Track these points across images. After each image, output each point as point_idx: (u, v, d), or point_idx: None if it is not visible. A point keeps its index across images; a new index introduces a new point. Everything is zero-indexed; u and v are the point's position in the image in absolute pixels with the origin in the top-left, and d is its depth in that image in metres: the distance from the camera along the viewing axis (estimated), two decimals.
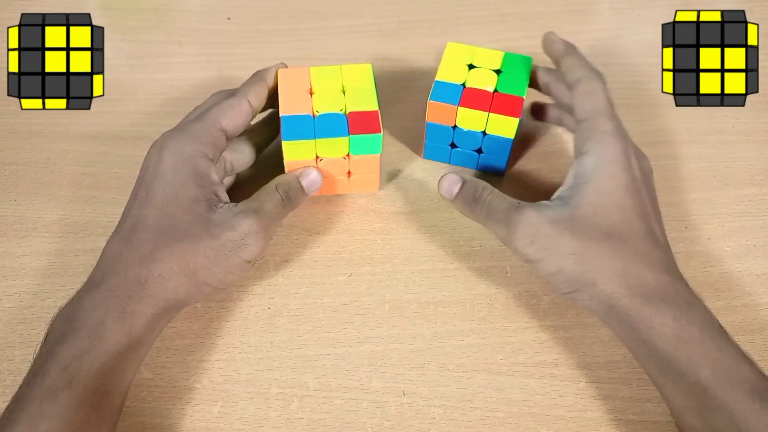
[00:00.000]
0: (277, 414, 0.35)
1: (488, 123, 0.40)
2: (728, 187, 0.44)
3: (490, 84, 0.40)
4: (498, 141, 0.41)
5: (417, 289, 0.39)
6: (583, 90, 0.36)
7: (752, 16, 0.49)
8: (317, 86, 0.39)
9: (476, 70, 0.41)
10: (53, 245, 0.41)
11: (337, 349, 0.37)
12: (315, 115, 0.38)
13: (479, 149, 0.42)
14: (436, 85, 0.40)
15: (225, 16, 0.55)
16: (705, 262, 0.40)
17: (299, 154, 0.38)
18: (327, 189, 0.41)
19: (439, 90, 0.40)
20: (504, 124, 0.39)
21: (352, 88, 0.39)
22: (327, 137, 0.37)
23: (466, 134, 0.41)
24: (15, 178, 0.44)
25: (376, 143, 0.38)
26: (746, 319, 0.38)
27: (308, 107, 0.38)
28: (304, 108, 0.38)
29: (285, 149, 0.37)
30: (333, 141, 0.37)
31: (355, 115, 0.38)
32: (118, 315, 0.31)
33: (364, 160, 0.39)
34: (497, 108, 0.39)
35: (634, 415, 0.35)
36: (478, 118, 0.40)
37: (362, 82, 0.39)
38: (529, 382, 0.36)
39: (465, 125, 0.40)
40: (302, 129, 0.37)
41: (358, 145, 0.38)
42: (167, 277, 0.32)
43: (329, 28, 0.55)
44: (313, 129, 0.37)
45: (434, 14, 0.56)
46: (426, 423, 0.34)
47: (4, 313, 0.38)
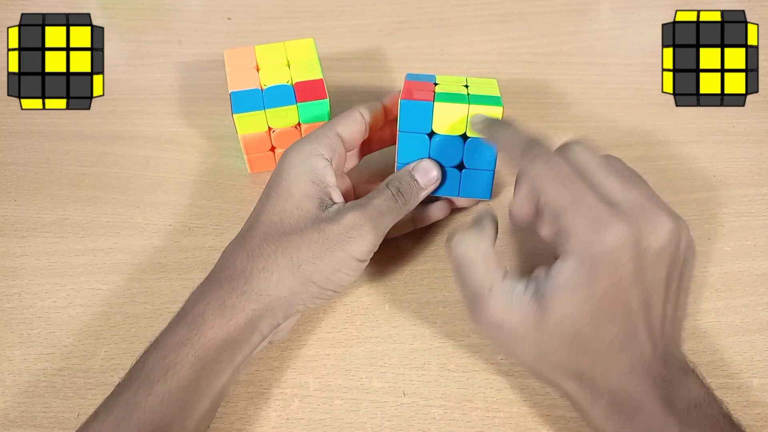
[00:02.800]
0: (277, 414, 0.35)
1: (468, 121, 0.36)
2: (728, 187, 0.44)
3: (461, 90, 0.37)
4: (481, 145, 0.36)
5: (417, 289, 0.39)
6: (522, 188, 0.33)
7: (752, 16, 0.49)
8: (263, 62, 0.41)
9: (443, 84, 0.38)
10: (53, 245, 0.41)
11: (337, 349, 0.37)
12: (263, 88, 0.40)
13: (461, 164, 0.37)
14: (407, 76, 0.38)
15: (225, 16, 0.55)
16: (705, 262, 0.40)
17: (251, 126, 0.40)
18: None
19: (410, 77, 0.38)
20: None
21: (297, 61, 0.41)
22: (276, 107, 0.39)
23: (443, 145, 0.36)
24: (15, 178, 0.44)
25: (324, 110, 0.40)
26: (746, 319, 0.38)
27: (256, 82, 0.40)
28: (252, 83, 0.40)
29: (237, 122, 0.39)
30: (282, 110, 0.39)
31: (301, 84, 0.40)
32: (218, 307, 0.31)
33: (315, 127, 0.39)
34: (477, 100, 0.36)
35: None
36: (456, 116, 0.35)
37: (306, 55, 0.41)
38: (529, 382, 0.36)
39: (442, 129, 0.36)
40: (251, 102, 0.39)
41: (307, 113, 0.40)
42: (271, 270, 0.32)
43: (329, 28, 0.55)
44: (262, 101, 0.39)
45: (434, 14, 0.56)
46: (426, 423, 0.34)
47: (4, 313, 0.38)
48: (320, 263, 0.32)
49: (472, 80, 0.39)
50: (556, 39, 0.54)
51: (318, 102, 0.39)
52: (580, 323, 0.29)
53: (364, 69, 0.51)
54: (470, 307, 0.31)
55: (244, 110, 0.39)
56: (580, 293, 0.28)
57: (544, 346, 0.30)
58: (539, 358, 0.30)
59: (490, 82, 0.39)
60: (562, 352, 0.29)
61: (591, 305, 0.28)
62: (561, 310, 0.29)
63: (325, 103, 0.40)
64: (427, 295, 0.39)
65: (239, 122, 0.39)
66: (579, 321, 0.29)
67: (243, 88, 0.40)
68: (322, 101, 0.40)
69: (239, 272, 0.32)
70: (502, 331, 0.30)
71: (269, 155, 0.43)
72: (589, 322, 0.29)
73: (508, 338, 0.30)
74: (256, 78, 0.40)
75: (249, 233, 0.34)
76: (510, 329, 0.30)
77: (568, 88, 0.50)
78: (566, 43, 0.53)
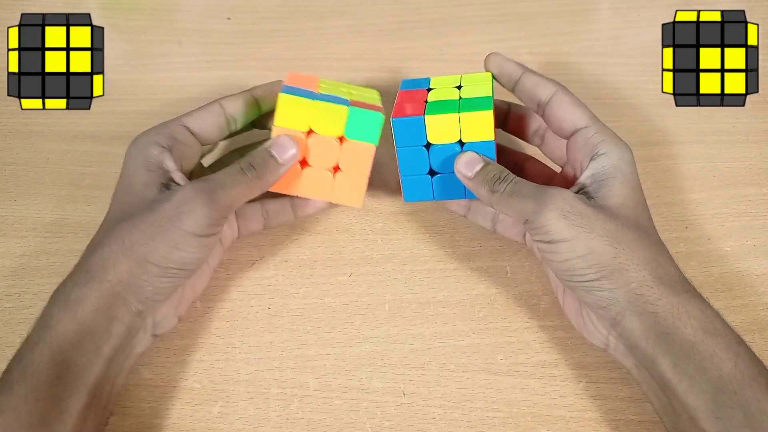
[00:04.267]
0: (277, 414, 0.35)
1: (462, 128, 0.35)
2: (728, 187, 0.44)
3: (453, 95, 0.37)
4: (479, 148, 0.36)
5: (417, 289, 0.39)
6: (568, 100, 0.36)
7: (752, 16, 0.49)
8: (324, 87, 0.38)
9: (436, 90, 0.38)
10: (53, 245, 0.41)
11: (337, 349, 0.37)
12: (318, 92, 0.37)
13: None
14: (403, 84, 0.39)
15: (225, 16, 0.55)
16: (705, 262, 0.40)
17: (293, 118, 0.35)
18: (308, 189, 0.38)
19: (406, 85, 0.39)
20: (479, 123, 0.35)
21: (358, 90, 0.39)
22: (327, 101, 0.35)
23: (442, 152, 0.36)
24: (15, 178, 0.44)
25: (374, 127, 0.36)
26: (746, 319, 0.38)
27: (314, 88, 0.37)
28: (310, 87, 0.37)
29: (279, 106, 0.35)
30: (331, 110, 0.35)
31: (358, 102, 0.37)
32: (63, 302, 0.31)
33: (356, 149, 0.37)
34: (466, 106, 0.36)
35: (634, 415, 0.35)
36: (448, 125, 0.35)
37: (369, 93, 0.39)
38: (529, 382, 0.36)
39: (437, 138, 0.36)
40: (303, 92, 0.36)
41: (356, 125, 0.36)
42: (106, 257, 0.32)
43: (329, 28, 0.55)
44: (314, 96, 0.36)
45: (434, 14, 0.56)
46: (426, 423, 0.34)
47: (4, 313, 0.38)
48: (153, 242, 0.31)
49: (466, 78, 0.38)
50: (556, 39, 0.53)
51: (371, 113, 0.35)
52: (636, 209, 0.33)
53: (364, 69, 0.51)
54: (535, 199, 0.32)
55: (294, 93, 0.35)
56: (629, 182, 0.33)
57: (617, 223, 0.32)
58: (614, 240, 0.31)
59: (485, 78, 0.38)
60: (633, 233, 0.32)
61: (638, 194, 0.34)
62: (619, 193, 0.33)
63: (379, 118, 0.35)
64: (427, 295, 0.39)
65: (281, 105, 0.35)
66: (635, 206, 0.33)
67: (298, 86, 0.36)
68: (376, 114, 0.35)
69: (80, 268, 0.32)
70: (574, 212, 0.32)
71: (295, 171, 0.36)
72: (642, 210, 0.33)
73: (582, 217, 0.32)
74: (315, 86, 0.37)
75: (96, 234, 0.34)
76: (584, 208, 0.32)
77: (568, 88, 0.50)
78: (566, 43, 0.53)
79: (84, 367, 0.30)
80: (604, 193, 0.33)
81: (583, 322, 0.34)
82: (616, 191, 0.33)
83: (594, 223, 0.31)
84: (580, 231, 0.31)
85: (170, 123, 0.36)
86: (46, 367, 0.29)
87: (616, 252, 0.31)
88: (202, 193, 0.32)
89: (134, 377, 0.36)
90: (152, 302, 0.33)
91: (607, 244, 0.31)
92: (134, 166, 0.34)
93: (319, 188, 0.37)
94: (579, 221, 0.31)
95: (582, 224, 0.31)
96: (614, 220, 0.32)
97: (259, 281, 0.39)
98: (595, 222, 0.31)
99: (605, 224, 0.31)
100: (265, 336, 0.37)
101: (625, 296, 0.31)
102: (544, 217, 0.32)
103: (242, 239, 0.41)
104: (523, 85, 0.37)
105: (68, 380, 0.30)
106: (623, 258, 0.31)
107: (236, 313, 0.38)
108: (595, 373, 0.36)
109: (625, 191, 0.33)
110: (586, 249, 0.31)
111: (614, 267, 0.31)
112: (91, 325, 0.31)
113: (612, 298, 0.31)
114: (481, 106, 0.35)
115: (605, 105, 0.49)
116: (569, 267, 0.32)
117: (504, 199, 0.34)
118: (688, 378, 0.29)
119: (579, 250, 0.31)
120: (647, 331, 0.30)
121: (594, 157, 0.34)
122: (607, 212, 0.32)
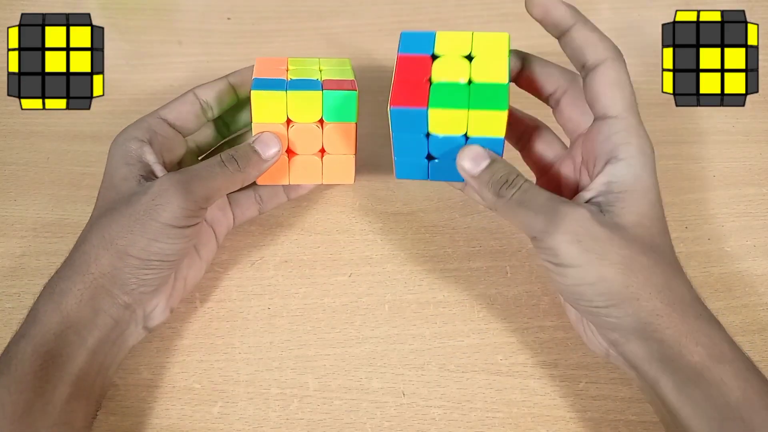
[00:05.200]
0: (276, 414, 0.35)
1: (469, 123, 0.32)
2: (728, 187, 0.44)
3: (462, 75, 0.32)
4: (486, 144, 0.32)
5: (417, 289, 0.39)
6: (611, 78, 0.31)
7: (752, 16, 0.49)
8: (293, 68, 0.38)
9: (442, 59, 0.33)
10: (53, 245, 0.41)
11: (336, 350, 0.37)
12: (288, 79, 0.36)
13: None
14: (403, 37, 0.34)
15: (225, 16, 0.55)
16: (705, 263, 0.40)
17: (269, 112, 0.35)
18: (299, 176, 0.38)
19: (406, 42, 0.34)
20: (490, 120, 0.32)
21: (328, 70, 0.39)
22: (299, 90, 0.35)
23: (443, 142, 0.33)
24: (15, 178, 0.44)
25: (350, 106, 0.36)
26: (746, 320, 0.38)
27: (283, 74, 0.37)
28: (279, 74, 0.37)
29: (254, 103, 0.35)
30: (305, 97, 0.35)
31: (330, 81, 0.37)
32: (48, 295, 0.31)
33: (338, 130, 0.37)
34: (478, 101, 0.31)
35: (634, 415, 0.35)
36: (454, 119, 0.32)
37: (340, 66, 0.39)
38: (529, 382, 0.36)
39: (440, 130, 0.32)
40: (273, 84, 0.35)
41: (332, 107, 0.36)
42: (88, 251, 0.32)
43: (329, 28, 0.55)
44: (285, 85, 0.35)
45: (434, 14, 0.56)
46: (426, 423, 0.34)
47: (4, 313, 0.38)
48: (132, 236, 0.31)
49: (478, 41, 0.33)
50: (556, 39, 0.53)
51: (344, 93, 0.35)
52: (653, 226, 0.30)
53: (364, 69, 0.51)
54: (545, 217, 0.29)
55: (265, 87, 0.35)
56: (649, 195, 0.30)
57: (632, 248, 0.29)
58: (627, 268, 0.28)
59: (499, 44, 0.32)
60: (647, 258, 0.29)
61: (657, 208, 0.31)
62: (636, 209, 0.30)
63: (353, 96, 0.35)
64: (427, 295, 0.39)
65: (256, 102, 0.35)
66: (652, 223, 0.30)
67: (268, 76, 0.36)
68: (350, 93, 0.35)
69: (65, 263, 0.33)
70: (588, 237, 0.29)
71: (283, 161, 0.37)
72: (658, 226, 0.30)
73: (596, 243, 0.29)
74: (284, 72, 0.37)
75: (82, 231, 0.34)
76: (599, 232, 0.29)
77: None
78: None
79: (68, 357, 0.31)
80: (620, 208, 0.30)
81: (583, 330, 0.33)
82: (633, 207, 0.30)
83: (608, 249, 0.28)
84: (593, 257, 0.28)
85: (148, 117, 0.36)
86: (30, 358, 0.30)
87: (628, 281, 0.28)
88: (178, 185, 0.32)
89: (134, 377, 0.36)
90: (139, 294, 0.33)
91: (619, 273, 0.28)
92: (115, 163, 0.34)
93: (310, 173, 0.38)
94: (592, 246, 0.28)
95: (595, 250, 0.28)
96: (629, 244, 0.29)
97: (259, 281, 0.39)
98: (609, 248, 0.28)
99: (620, 250, 0.29)
100: (265, 336, 0.37)
101: (632, 324, 0.29)
102: (554, 239, 0.29)
103: (242, 239, 0.41)
104: (573, 40, 0.32)
105: (52, 371, 0.30)
106: (635, 287, 0.28)
107: (236, 313, 0.38)
108: (595, 373, 0.36)
109: (643, 207, 0.30)
110: (597, 277, 0.29)
111: (625, 296, 0.28)
112: (75, 317, 0.31)
113: (618, 325, 0.29)
114: (495, 104, 0.31)
115: None
116: (577, 291, 0.30)
117: (511, 207, 0.31)
118: (692, 403, 0.28)
119: (589, 277, 0.29)
120: (650, 356, 0.29)
121: (612, 161, 0.30)
122: (623, 233, 0.29)
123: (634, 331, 0.29)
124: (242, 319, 0.38)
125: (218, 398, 0.35)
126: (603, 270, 0.28)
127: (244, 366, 0.36)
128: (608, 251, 0.28)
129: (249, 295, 0.39)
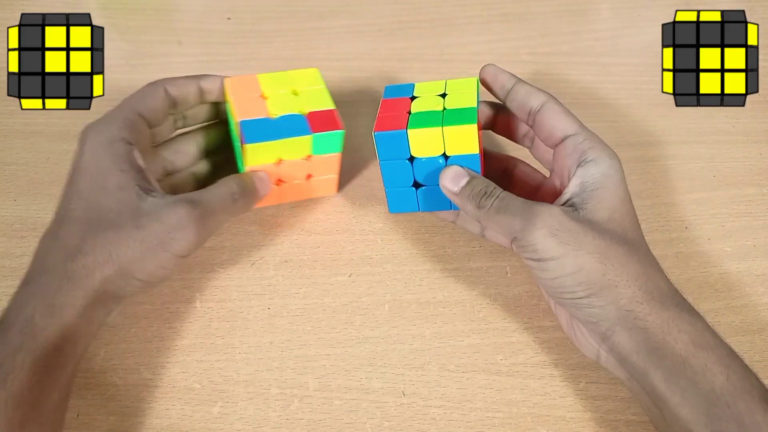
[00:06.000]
0: (276, 414, 0.35)
1: (445, 141, 0.35)
2: (728, 187, 0.44)
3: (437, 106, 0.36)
4: (464, 163, 0.35)
5: (417, 289, 0.39)
6: (558, 109, 0.36)
7: (752, 16, 0.49)
8: (268, 91, 0.38)
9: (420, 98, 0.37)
10: None
11: (336, 350, 0.37)
12: (273, 117, 0.37)
13: None
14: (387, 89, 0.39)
15: (225, 16, 0.55)
16: (705, 263, 0.40)
17: (261, 157, 0.37)
18: (285, 196, 0.41)
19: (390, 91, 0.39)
20: (463, 136, 0.35)
21: (304, 91, 0.39)
22: (289, 137, 0.36)
23: (426, 164, 0.36)
24: (15, 178, 0.44)
25: (337, 141, 0.38)
26: (746, 320, 0.38)
27: (264, 111, 0.37)
28: (260, 112, 0.37)
29: (248, 153, 0.36)
30: (295, 141, 0.36)
31: (314, 114, 0.37)
32: (46, 308, 0.31)
33: (325, 160, 0.39)
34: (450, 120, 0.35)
35: (634, 415, 0.35)
36: (431, 138, 0.35)
37: (313, 85, 0.39)
38: (529, 382, 0.36)
39: (420, 152, 0.36)
40: (263, 131, 0.36)
41: (320, 144, 0.37)
42: (92, 268, 0.31)
43: (329, 28, 0.55)
44: (274, 130, 0.36)
45: (434, 14, 0.56)
46: (426, 423, 0.34)
47: None
48: (142, 262, 0.32)
49: (451, 84, 0.38)
50: (555, 39, 0.53)
51: (333, 133, 0.37)
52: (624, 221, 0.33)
53: (364, 69, 0.51)
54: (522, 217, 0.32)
55: (257, 140, 0.35)
56: (618, 191, 0.33)
57: (606, 239, 0.31)
58: (603, 257, 0.31)
59: (470, 84, 0.38)
60: (622, 248, 0.31)
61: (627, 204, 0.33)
62: (607, 204, 0.32)
63: (340, 134, 0.37)
64: (427, 295, 0.39)
65: (250, 153, 0.36)
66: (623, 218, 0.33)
67: (252, 117, 0.36)
68: (337, 132, 0.37)
69: (61, 272, 0.31)
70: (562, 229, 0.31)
71: (273, 190, 0.39)
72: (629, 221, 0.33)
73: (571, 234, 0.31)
74: (264, 106, 0.37)
75: (62, 230, 0.33)
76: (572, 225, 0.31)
77: (568, 89, 0.50)
78: (566, 43, 0.53)
79: (62, 368, 0.31)
80: (593, 205, 0.32)
81: (574, 334, 0.34)
82: (604, 203, 0.32)
83: (583, 240, 0.31)
84: (569, 249, 0.31)
85: (125, 112, 0.36)
86: (28, 374, 0.29)
87: (605, 269, 0.31)
88: (196, 221, 0.33)
89: (134, 377, 0.36)
90: (124, 302, 0.34)
91: (596, 261, 0.31)
92: (104, 165, 0.34)
93: (296, 193, 0.41)
94: (567, 238, 0.31)
95: (570, 241, 0.31)
96: (603, 235, 0.31)
97: (259, 281, 0.39)
98: (584, 239, 0.31)
99: (594, 240, 0.31)
100: (265, 336, 0.37)
101: (614, 312, 0.31)
102: (532, 236, 0.31)
103: (242, 239, 0.41)
104: (515, 94, 0.37)
105: (47, 383, 0.30)
106: (612, 275, 0.31)
107: (236, 313, 0.38)
108: (595, 373, 0.36)
109: (614, 203, 0.33)
110: (575, 267, 0.31)
111: (603, 284, 0.31)
112: (74, 330, 0.31)
113: (602, 315, 0.31)
114: (464, 120, 0.35)
115: (605, 105, 0.49)
116: (558, 284, 0.32)
117: (491, 215, 0.33)
118: (680, 391, 0.29)
119: (568, 268, 0.31)
120: (638, 346, 0.30)
121: (582, 164, 0.34)
122: (596, 227, 0.32)
123: (618, 321, 0.31)
124: (242, 319, 0.38)
125: (218, 398, 0.35)
126: (579, 260, 0.31)
127: (244, 366, 0.36)
128: (583, 242, 0.31)
129: (249, 295, 0.39)
